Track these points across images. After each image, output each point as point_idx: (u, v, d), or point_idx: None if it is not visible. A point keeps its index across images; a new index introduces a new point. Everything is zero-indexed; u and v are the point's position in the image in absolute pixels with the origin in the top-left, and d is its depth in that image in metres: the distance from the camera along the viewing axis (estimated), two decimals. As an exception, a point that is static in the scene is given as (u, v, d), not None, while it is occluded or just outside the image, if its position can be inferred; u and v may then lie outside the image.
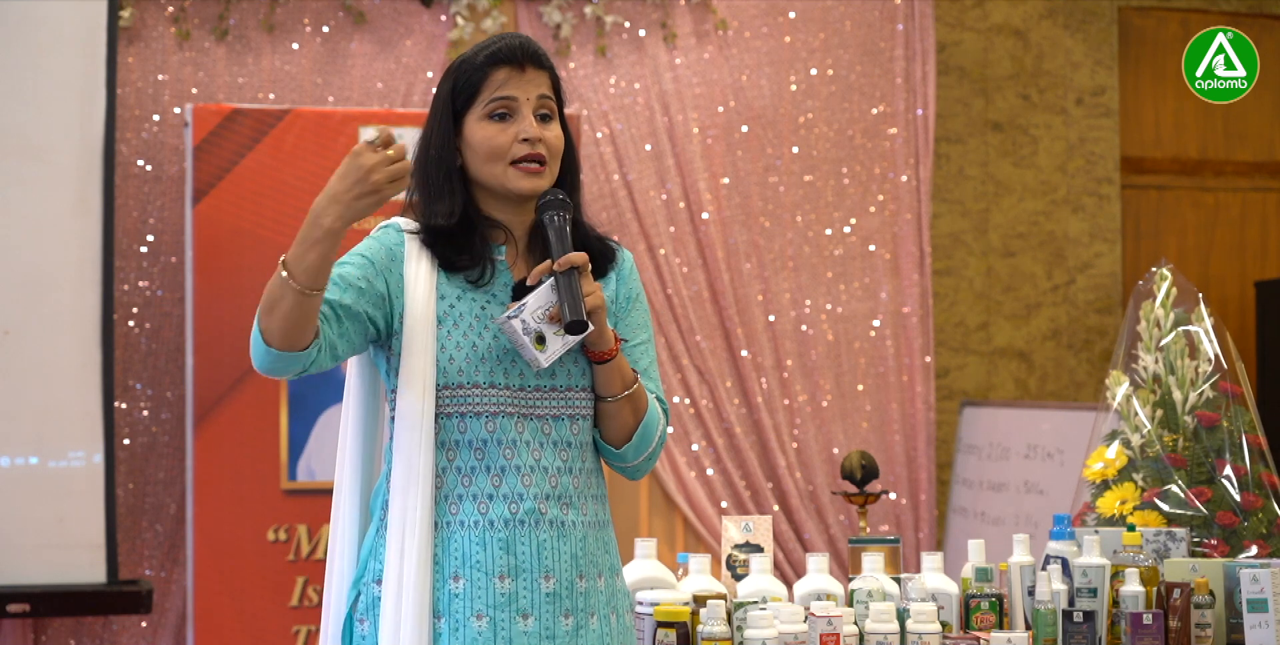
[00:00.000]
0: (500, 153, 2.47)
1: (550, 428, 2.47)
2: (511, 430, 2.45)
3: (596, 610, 2.48)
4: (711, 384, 5.95)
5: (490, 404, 2.45)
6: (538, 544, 2.43)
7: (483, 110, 2.48)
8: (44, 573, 4.98)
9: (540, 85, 2.50)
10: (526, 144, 2.47)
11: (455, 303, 2.48)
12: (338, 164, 2.37)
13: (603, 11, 5.89)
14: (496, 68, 2.48)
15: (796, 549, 5.93)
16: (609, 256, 2.58)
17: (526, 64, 2.49)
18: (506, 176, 2.48)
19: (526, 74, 2.49)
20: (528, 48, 2.50)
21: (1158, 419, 3.55)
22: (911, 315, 6.16)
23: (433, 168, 2.51)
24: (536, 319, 2.39)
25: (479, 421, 2.45)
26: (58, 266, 5.03)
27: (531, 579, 2.42)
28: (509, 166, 2.48)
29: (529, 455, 2.45)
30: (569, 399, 2.49)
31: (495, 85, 2.48)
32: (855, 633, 2.92)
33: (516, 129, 2.47)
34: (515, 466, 2.44)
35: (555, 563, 2.44)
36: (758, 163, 6.05)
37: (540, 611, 2.42)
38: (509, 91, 2.48)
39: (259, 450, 5.22)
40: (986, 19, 6.54)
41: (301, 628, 5.23)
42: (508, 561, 2.42)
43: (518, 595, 2.41)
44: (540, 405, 2.47)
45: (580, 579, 2.46)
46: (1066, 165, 6.61)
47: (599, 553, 2.50)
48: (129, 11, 5.47)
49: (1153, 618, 3.00)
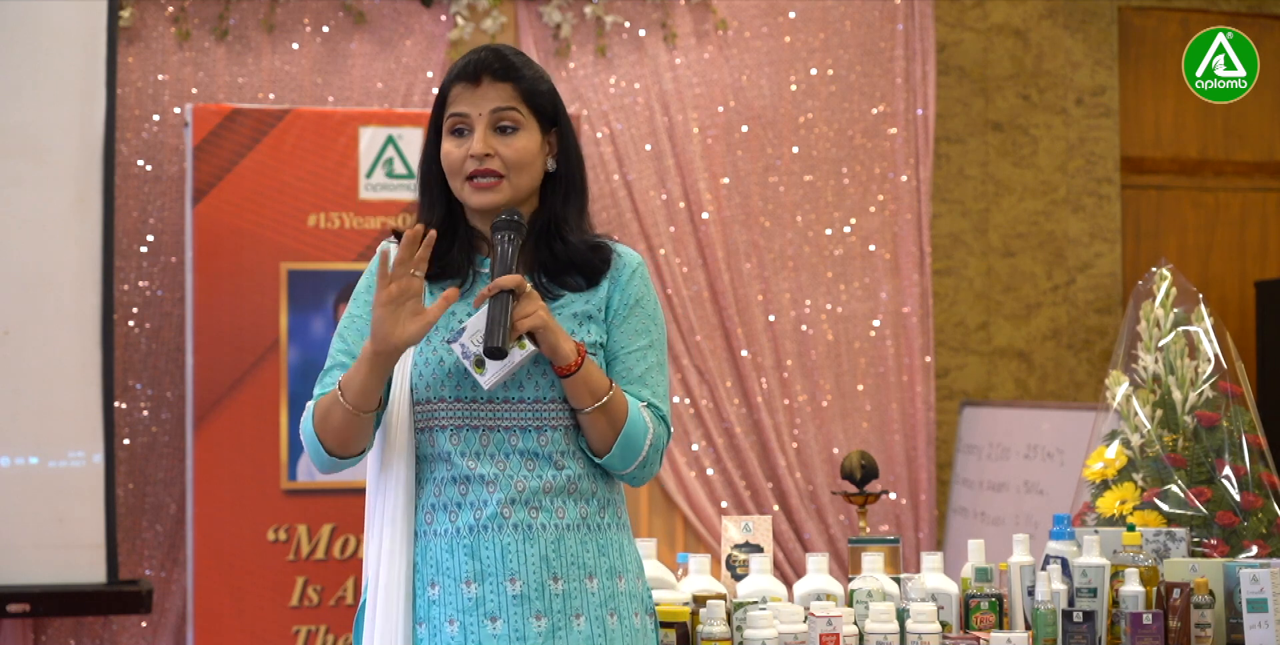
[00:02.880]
0: (455, 169, 2.53)
1: (517, 438, 2.49)
2: (475, 443, 2.49)
3: (585, 612, 2.49)
4: (711, 384, 5.95)
5: (455, 418, 2.49)
6: (501, 548, 2.46)
7: (446, 126, 2.55)
8: (44, 573, 4.98)
9: (495, 98, 2.52)
10: (474, 160, 2.51)
11: None
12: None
13: (603, 11, 5.89)
14: (455, 83, 2.54)
15: (796, 549, 5.93)
16: (601, 266, 2.57)
17: (482, 77, 2.52)
18: (464, 192, 2.54)
19: (480, 89, 2.52)
20: (486, 61, 2.53)
21: (1158, 419, 3.55)
22: (911, 315, 6.16)
23: (421, 180, 2.61)
24: (475, 343, 2.42)
25: (444, 435, 2.49)
26: (58, 266, 5.03)
27: (497, 582, 2.46)
28: (465, 182, 2.53)
29: (492, 466, 2.48)
30: (537, 411, 2.50)
31: (452, 101, 2.54)
32: (855, 633, 2.92)
33: (467, 146, 2.52)
34: (479, 475, 2.48)
35: (520, 565, 2.46)
36: (758, 163, 6.05)
37: (508, 614, 2.45)
38: (461, 107, 2.53)
39: (259, 450, 5.22)
40: (986, 19, 6.54)
41: (301, 628, 5.22)
42: (473, 567, 2.46)
43: (484, 599, 2.45)
44: (506, 418, 2.49)
45: (555, 581, 2.47)
46: (1066, 165, 6.61)
47: (586, 554, 2.51)
48: (129, 11, 5.47)
49: (1152, 618, 3.00)
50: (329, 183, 5.31)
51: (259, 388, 5.23)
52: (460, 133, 2.53)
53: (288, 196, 5.28)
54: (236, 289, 5.23)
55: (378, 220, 5.34)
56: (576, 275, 2.55)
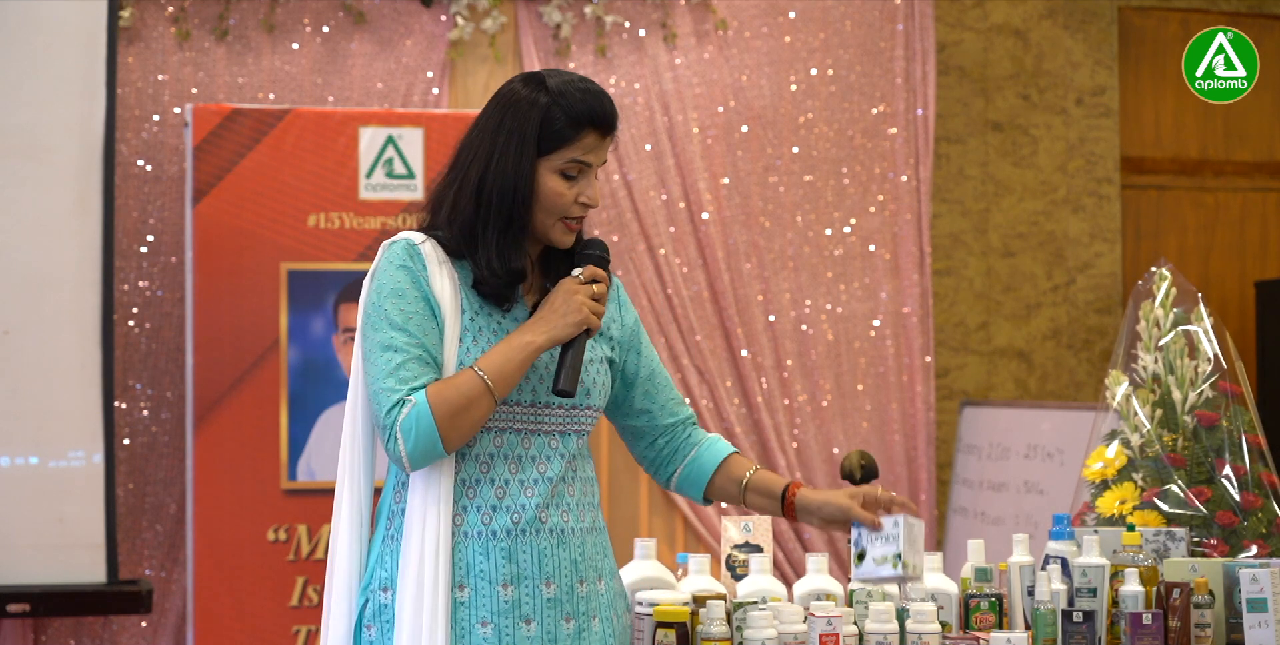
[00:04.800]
0: (561, 209, 2.52)
1: (557, 442, 2.54)
2: (518, 446, 2.51)
3: (599, 613, 2.55)
4: (711, 384, 5.95)
5: (499, 420, 2.50)
6: (538, 552, 2.49)
7: (560, 164, 2.51)
8: (44, 573, 4.98)
9: (606, 153, 2.55)
10: (581, 207, 2.53)
11: (475, 316, 2.52)
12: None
13: (603, 11, 5.89)
14: (590, 130, 2.51)
15: (796, 549, 5.93)
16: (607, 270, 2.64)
17: (611, 133, 2.54)
18: (555, 230, 2.54)
19: (605, 141, 2.54)
20: (615, 116, 2.54)
21: (1157, 419, 3.54)
22: (911, 315, 6.16)
23: (499, 197, 2.50)
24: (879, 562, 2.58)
25: (488, 437, 2.50)
26: (58, 266, 5.03)
27: (533, 586, 2.48)
28: (559, 221, 2.53)
29: (534, 469, 2.51)
30: (576, 416, 2.56)
31: (582, 147, 2.51)
32: (855, 633, 2.92)
33: (578, 190, 2.52)
34: (520, 480, 2.50)
35: (556, 569, 2.50)
36: (758, 163, 6.05)
37: (542, 617, 2.48)
38: (590, 158, 2.52)
39: (259, 450, 5.22)
40: (986, 19, 6.54)
41: (301, 628, 5.23)
42: (510, 570, 2.47)
43: (520, 602, 2.47)
44: (548, 421, 2.54)
45: (581, 584, 2.53)
46: (1066, 165, 6.61)
47: (598, 557, 2.57)
48: (129, 11, 5.47)
49: (1152, 618, 2.99)
50: (329, 183, 5.31)
51: (259, 388, 5.23)
52: (572, 176, 2.51)
53: (288, 196, 5.28)
54: (236, 289, 5.23)
55: (378, 220, 5.33)
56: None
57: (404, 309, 2.46)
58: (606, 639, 2.55)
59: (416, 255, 2.50)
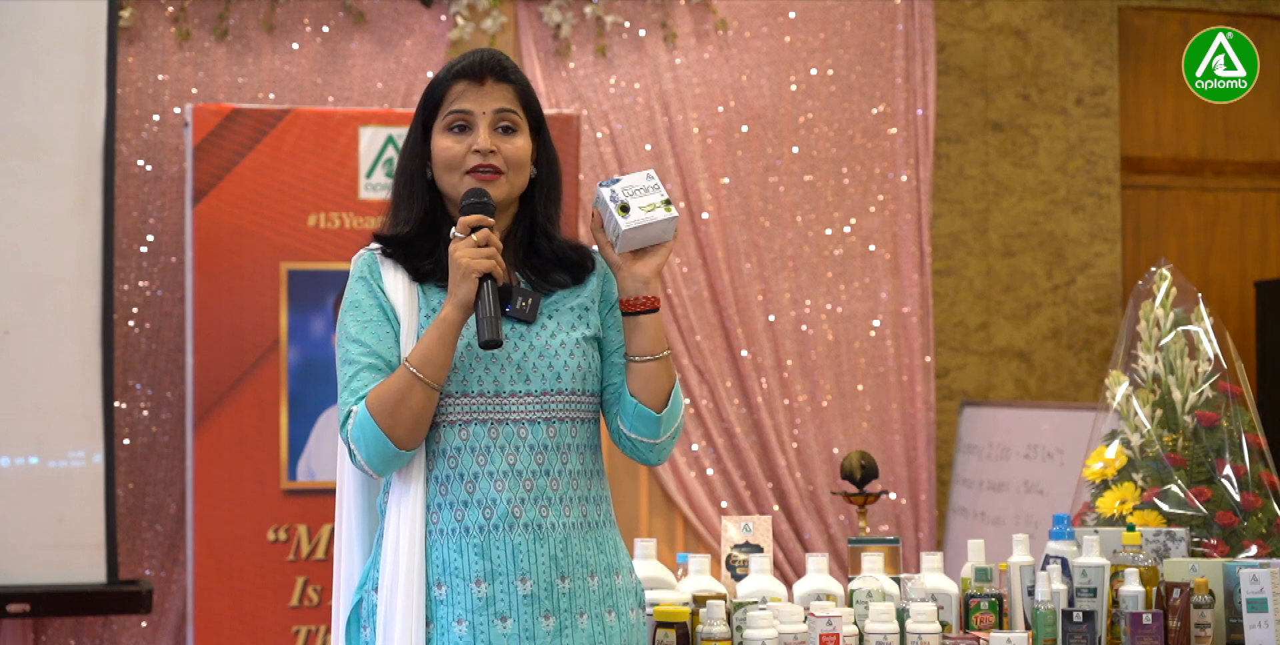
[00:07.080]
0: (455, 163, 2.54)
1: (526, 431, 2.50)
2: (485, 437, 2.49)
3: (587, 609, 2.51)
4: (711, 384, 5.95)
5: (462, 412, 2.49)
6: (512, 547, 2.47)
7: (442, 123, 2.56)
8: (44, 573, 4.98)
9: (499, 99, 2.56)
10: (478, 155, 2.53)
11: (430, 313, 2.52)
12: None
13: (603, 11, 5.89)
14: (456, 81, 2.56)
15: (796, 549, 5.93)
16: (585, 263, 2.62)
17: (486, 77, 2.56)
18: (462, 184, 2.54)
19: (485, 87, 2.56)
20: (489, 62, 2.56)
21: (1157, 419, 3.54)
22: (911, 315, 6.16)
23: (402, 177, 2.61)
24: (625, 193, 2.50)
25: (452, 430, 2.49)
26: (58, 266, 5.03)
27: (508, 582, 2.47)
28: (464, 175, 2.54)
29: (503, 460, 2.49)
30: (545, 403, 2.51)
31: (453, 98, 2.56)
32: (855, 633, 2.92)
33: (471, 141, 2.53)
34: (488, 472, 2.48)
35: (531, 565, 2.47)
36: (758, 163, 6.05)
37: (518, 613, 2.46)
38: (465, 105, 2.55)
39: (259, 450, 5.22)
40: (986, 19, 6.54)
41: (301, 628, 5.22)
42: (483, 566, 2.46)
43: (495, 599, 2.46)
44: (514, 410, 2.50)
45: (563, 580, 2.49)
46: (1066, 165, 6.61)
47: (589, 553, 2.53)
48: (129, 11, 5.47)
49: (1152, 618, 3.00)
50: (329, 183, 5.31)
51: (259, 388, 5.23)
52: (461, 129, 2.55)
53: (288, 196, 5.28)
54: (236, 289, 5.23)
55: (378, 220, 5.27)
56: (563, 272, 2.60)
57: (359, 319, 2.53)
58: (596, 637, 2.50)
59: (373, 264, 2.56)
